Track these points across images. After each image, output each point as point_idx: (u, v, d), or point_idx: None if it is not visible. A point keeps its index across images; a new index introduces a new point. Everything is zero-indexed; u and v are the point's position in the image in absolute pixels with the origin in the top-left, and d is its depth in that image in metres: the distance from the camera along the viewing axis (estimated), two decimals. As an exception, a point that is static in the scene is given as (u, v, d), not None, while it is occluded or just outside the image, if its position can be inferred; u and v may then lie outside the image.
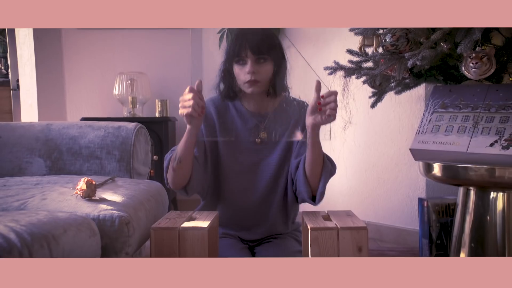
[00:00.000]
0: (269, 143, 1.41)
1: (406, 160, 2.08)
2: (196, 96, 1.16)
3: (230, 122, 1.39)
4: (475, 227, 1.56)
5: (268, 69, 1.32)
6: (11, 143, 1.66)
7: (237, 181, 1.40)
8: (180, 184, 1.30)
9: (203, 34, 2.88)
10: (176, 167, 1.27)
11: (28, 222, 0.91)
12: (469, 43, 1.29)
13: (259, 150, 1.40)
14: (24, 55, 2.84)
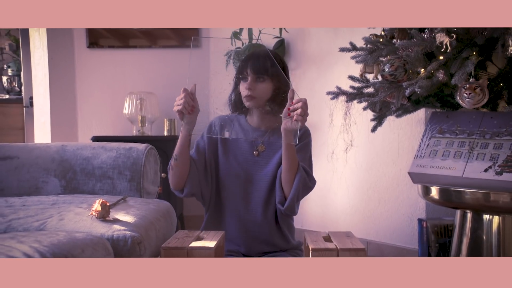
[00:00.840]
0: (265, 156, 1.52)
1: (406, 181, 2.14)
2: (187, 95, 1.40)
3: (231, 133, 1.55)
4: (471, 248, 1.62)
5: (265, 87, 1.47)
6: (28, 164, 1.74)
7: (235, 191, 1.52)
8: (178, 183, 1.47)
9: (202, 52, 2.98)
10: (173, 164, 1.45)
11: (49, 242, 0.98)
12: (463, 74, 1.37)
13: (256, 161, 1.53)
14: (38, 75, 2.95)
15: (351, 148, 1.99)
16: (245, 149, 1.54)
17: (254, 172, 1.52)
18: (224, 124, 1.58)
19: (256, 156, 1.53)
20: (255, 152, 1.54)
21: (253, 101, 1.47)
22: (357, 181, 2.40)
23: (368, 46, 1.64)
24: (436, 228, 1.92)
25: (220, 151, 1.55)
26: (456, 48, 1.40)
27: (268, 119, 1.53)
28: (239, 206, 1.53)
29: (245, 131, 1.56)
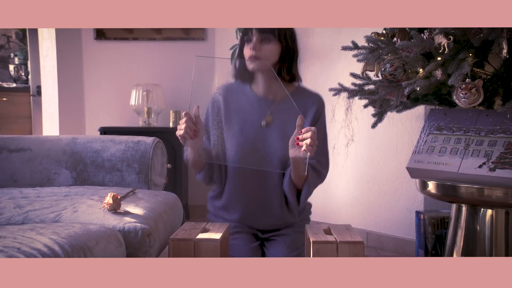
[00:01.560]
0: (274, 127, 1.43)
1: (405, 174, 2.19)
2: (188, 120, 1.33)
3: (236, 105, 1.45)
4: (466, 240, 1.68)
5: (271, 49, 1.37)
6: (40, 156, 1.81)
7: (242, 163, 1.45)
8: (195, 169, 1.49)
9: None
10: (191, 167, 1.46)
11: (67, 234, 1.06)
12: (459, 75, 1.42)
13: (263, 134, 1.44)
14: (46, 66, 3.00)
15: (352, 143, 2.05)
16: (252, 121, 1.45)
17: (263, 144, 1.44)
18: (227, 97, 1.48)
19: (264, 127, 1.45)
20: (263, 123, 1.45)
21: (256, 63, 1.37)
22: (358, 174, 2.46)
23: (369, 45, 1.69)
24: (433, 220, 1.99)
25: (225, 125, 1.47)
26: (454, 50, 1.45)
27: (275, 86, 1.43)
28: (246, 179, 1.47)
29: (251, 102, 1.46)
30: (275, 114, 1.44)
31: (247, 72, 1.42)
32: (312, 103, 1.46)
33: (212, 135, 1.47)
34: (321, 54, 2.59)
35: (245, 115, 1.45)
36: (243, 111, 1.44)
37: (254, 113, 1.44)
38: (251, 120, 1.45)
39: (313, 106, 1.45)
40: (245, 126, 1.45)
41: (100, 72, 3.07)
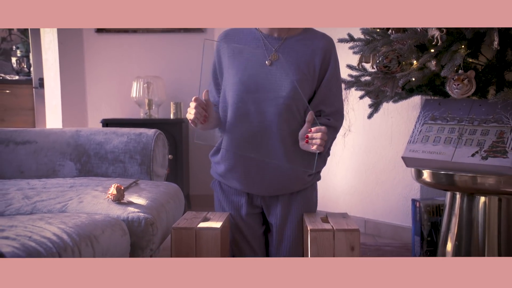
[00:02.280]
0: (280, 66, 1.37)
1: (402, 163, 2.23)
2: (198, 106, 1.31)
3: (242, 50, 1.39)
4: (459, 226, 1.73)
5: None
6: (46, 148, 1.86)
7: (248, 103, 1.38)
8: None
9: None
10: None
11: (74, 224, 1.11)
12: (452, 67, 1.45)
13: (269, 72, 1.37)
14: (49, 59, 3.04)
15: (349, 133, 2.10)
16: (256, 59, 1.38)
17: (268, 83, 1.37)
18: (231, 39, 1.41)
19: (269, 66, 1.38)
20: (267, 61, 1.38)
21: None
22: (356, 163, 2.51)
23: (365, 37, 1.72)
24: (428, 208, 2.03)
25: (227, 64, 1.40)
26: (446, 42, 1.49)
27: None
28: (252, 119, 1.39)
29: (256, 40, 1.40)
30: (281, 52, 1.38)
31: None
32: (320, 43, 1.41)
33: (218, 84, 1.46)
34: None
35: (249, 53, 1.38)
36: (247, 49, 1.39)
37: (259, 51, 1.38)
38: (255, 59, 1.38)
39: (321, 46, 1.40)
40: (249, 64, 1.38)
41: (101, 65, 3.11)
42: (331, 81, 1.43)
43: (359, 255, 1.43)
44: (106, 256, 1.14)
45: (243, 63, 1.39)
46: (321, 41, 1.42)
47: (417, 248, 2.04)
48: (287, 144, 1.40)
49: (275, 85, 1.37)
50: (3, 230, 0.95)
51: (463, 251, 1.71)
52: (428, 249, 2.02)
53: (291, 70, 1.36)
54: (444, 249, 1.77)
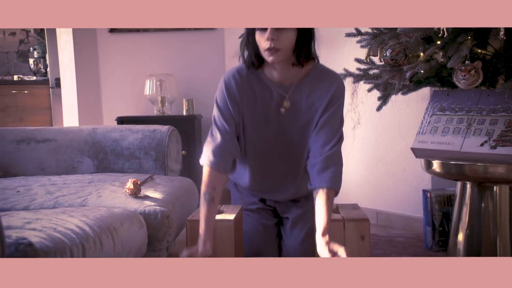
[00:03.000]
0: (292, 113, 1.39)
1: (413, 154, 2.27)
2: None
3: (253, 94, 1.39)
4: (471, 216, 1.76)
5: (289, 35, 1.25)
6: (65, 145, 1.93)
7: (264, 149, 1.44)
8: None
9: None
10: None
11: (94, 217, 1.17)
12: (458, 58, 1.48)
13: (283, 119, 1.40)
14: (65, 60, 3.12)
15: (359, 126, 2.12)
16: (271, 108, 1.40)
17: (283, 131, 1.41)
18: (242, 84, 1.38)
19: (283, 114, 1.40)
20: (282, 109, 1.39)
21: (277, 55, 1.25)
22: (366, 156, 2.53)
23: (372, 31, 1.75)
24: (439, 198, 2.05)
25: (245, 112, 1.40)
26: (452, 33, 1.51)
27: (292, 71, 1.35)
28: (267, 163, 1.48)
29: (267, 89, 1.38)
30: (292, 99, 1.38)
31: (258, 60, 1.34)
32: (329, 87, 1.38)
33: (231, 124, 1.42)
34: (326, 40, 2.64)
35: (262, 102, 1.39)
36: (260, 98, 1.39)
37: (272, 100, 1.39)
38: (268, 107, 1.40)
39: (329, 90, 1.37)
40: (264, 113, 1.40)
41: (115, 63, 3.17)
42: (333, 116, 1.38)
43: (369, 244, 1.47)
44: (125, 247, 1.20)
45: (260, 113, 1.40)
46: (330, 88, 1.37)
47: (429, 238, 2.07)
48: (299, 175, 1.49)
49: (290, 131, 1.41)
50: (30, 222, 1.00)
51: (474, 240, 1.73)
52: (440, 239, 2.04)
53: (302, 114, 1.39)
54: (455, 239, 1.80)
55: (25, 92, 3.85)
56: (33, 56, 4.13)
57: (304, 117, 1.40)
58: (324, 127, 1.37)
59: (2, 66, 4.24)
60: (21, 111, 3.84)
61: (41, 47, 4.09)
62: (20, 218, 1.06)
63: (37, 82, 3.92)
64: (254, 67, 1.36)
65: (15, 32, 4.24)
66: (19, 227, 0.97)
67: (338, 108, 1.39)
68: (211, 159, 1.37)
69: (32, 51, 4.14)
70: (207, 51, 3.12)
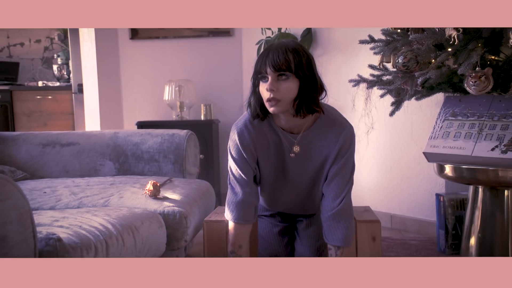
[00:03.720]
0: (302, 156, 1.42)
1: (426, 159, 2.29)
2: None
3: (266, 141, 1.41)
4: (483, 219, 1.78)
5: (290, 86, 1.25)
6: (87, 149, 2.02)
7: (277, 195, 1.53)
8: None
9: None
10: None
11: (117, 216, 1.24)
12: (468, 65, 1.51)
13: (294, 164, 1.43)
14: (87, 66, 3.23)
15: (372, 131, 2.15)
16: (282, 153, 1.43)
17: (294, 174, 1.46)
18: (255, 133, 1.39)
19: (294, 158, 1.42)
20: (292, 154, 1.41)
21: (278, 106, 1.26)
22: (380, 160, 2.56)
23: (385, 39, 1.79)
24: (452, 202, 2.08)
25: (260, 158, 1.44)
26: (463, 40, 1.54)
27: (298, 120, 1.34)
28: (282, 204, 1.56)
29: (278, 135, 1.40)
30: (301, 145, 1.40)
31: (262, 111, 1.34)
32: (337, 137, 1.38)
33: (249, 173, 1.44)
34: (342, 46, 2.69)
35: (275, 147, 1.41)
36: (272, 144, 1.41)
37: (282, 145, 1.41)
38: (280, 152, 1.42)
39: (337, 141, 1.37)
40: (277, 157, 1.43)
41: (135, 70, 3.27)
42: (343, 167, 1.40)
43: (380, 245, 1.51)
44: (145, 245, 1.26)
45: (272, 159, 1.43)
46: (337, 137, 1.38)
47: (442, 242, 2.09)
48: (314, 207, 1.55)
49: (301, 173, 1.45)
50: (58, 220, 1.08)
51: (487, 244, 1.75)
52: (453, 242, 2.06)
53: (313, 161, 1.42)
54: (468, 242, 1.82)
55: (49, 98, 3.99)
56: (57, 62, 4.27)
57: (315, 163, 1.42)
58: (334, 178, 1.40)
59: (28, 73, 4.39)
60: (45, 116, 3.98)
61: (64, 54, 4.23)
62: (48, 217, 1.13)
63: (61, 88, 4.05)
64: (259, 118, 1.36)
65: (40, 40, 4.40)
66: (47, 224, 1.04)
67: (348, 158, 1.39)
68: (235, 214, 1.41)
69: (56, 58, 4.28)
70: (225, 57, 3.20)
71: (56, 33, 4.32)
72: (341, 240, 1.39)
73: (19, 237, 0.79)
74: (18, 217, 0.79)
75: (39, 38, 4.38)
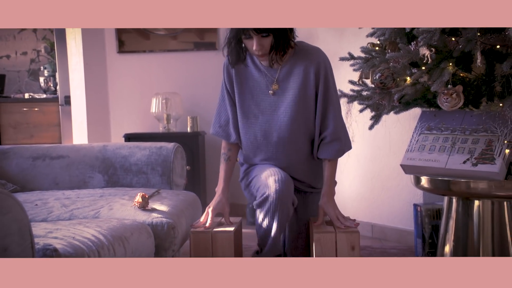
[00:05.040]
0: (280, 95, 1.63)
1: (405, 170, 2.38)
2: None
3: (248, 77, 1.65)
4: (456, 228, 1.87)
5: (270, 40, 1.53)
6: (77, 162, 2.07)
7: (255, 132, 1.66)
8: None
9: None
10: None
11: (107, 227, 1.29)
12: (440, 82, 1.61)
13: (273, 101, 1.64)
14: (75, 79, 3.28)
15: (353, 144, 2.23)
16: (260, 89, 1.65)
17: (271, 112, 1.64)
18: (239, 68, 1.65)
19: (273, 95, 1.64)
20: (270, 91, 1.64)
21: (264, 56, 1.56)
22: (362, 171, 2.66)
23: (364, 56, 1.88)
24: (429, 212, 2.17)
25: (236, 92, 1.67)
26: (436, 60, 1.64)
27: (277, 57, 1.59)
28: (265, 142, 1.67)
29: (260, 71, 1.65)
30: (280, 81, 1.64)
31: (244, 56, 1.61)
32: (311, 62, 1.63)
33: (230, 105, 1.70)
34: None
35: (255, 83, 1.65)
36: (252, 79, 1.65)
37: (262, 82, 1.64)
38: (259, 87, 1.65)
39: (311, 65, 1.63)
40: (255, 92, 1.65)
41: (122, 83, 3.33)
42: (325, 99, 1.66)
43: (359, 254, 1.59)
44: (135, 254, 1.32)
45: (250, 93, 1.65)
46: (311, 60, 1.63)
47: (419, 250, 2.18)
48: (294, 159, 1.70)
49: (279, 112, 1.63)
50: (51, 232, 1.13)
51: (460, 252, 1.85)
52: (429, 250, 2.15)
53: (291, 95, 1.62)
54: (442, 250, 1.91)
55: (36, 110, 4.01)
56: (43, 74, 4.30)
57: (294, 93, 1.62)
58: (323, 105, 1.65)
59: (14, 85, 4.41)
60: (31, 128, 4.00)
61: (51, 66, 4.26)
62: (41, 228, 1.18)
63: (47, 100, 4.08)
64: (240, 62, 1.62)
65: (26, 52, 4.42)
66: (42, 235, 1.10)
67: (327, 80, 1.66)
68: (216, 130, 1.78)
69: (42, 70, 4.31)
70: (210, 70, 3.28)
71: (43, 46, 4.36)
72: (333, 155, 1.69)
73: (19, 248, 0.84)
74: (18, 229, 0.85)
75: (26, 50, 4.41)
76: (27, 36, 4.39)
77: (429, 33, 1.59)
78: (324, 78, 1.65)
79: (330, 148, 1.68)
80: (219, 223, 1.67)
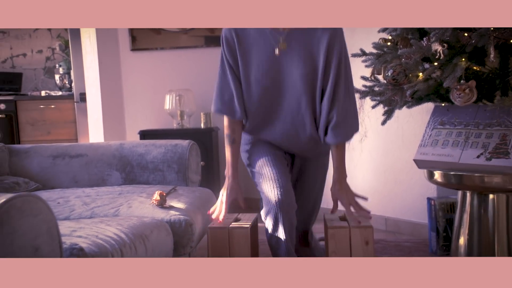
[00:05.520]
0: (288, 54, 1.50)
1: (418, 164, 2.39)
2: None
3: (250, 42, 1.53)
4: (471, 222, 1.88)
5: None
6: (95, 160, 2.12)
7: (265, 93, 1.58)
8: None
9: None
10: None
11: (128, 225, 1.34)
12: (453, 78, 1.61)
13: (278, 62, 1.51)
14: (90, 77, 3.33)
15: (366, 138, 2.26)
16: (265, 54, 1.52)
17: (279, 73, 1.54)
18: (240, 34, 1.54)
19: (278, 55, 1.52)
20: (276, 51, 1.50)
21: None
22: (375, 166, 2.67)
23: (376, 52, 1.89)
24: (443, 205, 2.18)
25: (241, 64, 1.56)
26: (448, 55, 1.65)
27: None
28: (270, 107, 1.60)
29: (262, 33, 1.52)
30: (288, 41, 1.50)
31: None
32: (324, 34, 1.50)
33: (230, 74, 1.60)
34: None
35: (259, 48, 1.52)
36: (256, 43, 1.52)
37: (267, 43, 1.51)
38: (263, 51, 1.52)
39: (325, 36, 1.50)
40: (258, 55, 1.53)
41: (136, 80, 3.38)
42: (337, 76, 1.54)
43: (373, 249, 1.61)
44: (155, 252, 1.36)
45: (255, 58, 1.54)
46: (325, 32, 1.50)
47: (433, 243, 2.19)
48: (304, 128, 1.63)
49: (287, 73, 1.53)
50: (75, 231, 1.18)
51: (474, 245, 1.86)
52: (444, 243, 2.16)
53: (299, 59, 1.51)
54: (457, 243, 1.92)
55: (52, 107, 4.08)
56: (59, 72, 4.37)
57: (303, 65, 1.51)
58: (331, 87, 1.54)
59: (31, 83, 4.49)
60: (48, 125, 4.07)
61: (66, 64, 4.33)
62: (66, 227, 1.23)
63: (63, 97, 4.15)
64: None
65: (41, 50, 4.49)
66: (67, 234, 1.14)
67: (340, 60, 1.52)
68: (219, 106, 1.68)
69: (57, 68, 4.38)
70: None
71: (57, 43, 4.42)
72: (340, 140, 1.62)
73: (49, 248, 0.89)
74: (48, 229, 0.89)
75: (41, 49, 4.48)
76: (42, 35, 4.46)
77: (441, 29, 1.60)
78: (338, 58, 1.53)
79: (336, 132, 1.58)
80: (235, 219, 1.71)
